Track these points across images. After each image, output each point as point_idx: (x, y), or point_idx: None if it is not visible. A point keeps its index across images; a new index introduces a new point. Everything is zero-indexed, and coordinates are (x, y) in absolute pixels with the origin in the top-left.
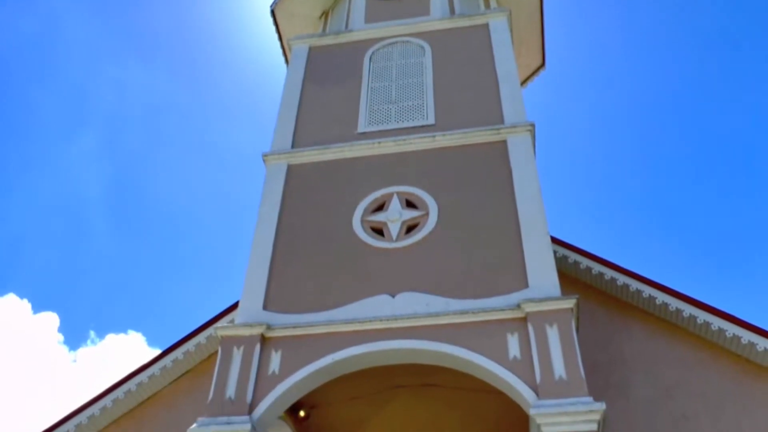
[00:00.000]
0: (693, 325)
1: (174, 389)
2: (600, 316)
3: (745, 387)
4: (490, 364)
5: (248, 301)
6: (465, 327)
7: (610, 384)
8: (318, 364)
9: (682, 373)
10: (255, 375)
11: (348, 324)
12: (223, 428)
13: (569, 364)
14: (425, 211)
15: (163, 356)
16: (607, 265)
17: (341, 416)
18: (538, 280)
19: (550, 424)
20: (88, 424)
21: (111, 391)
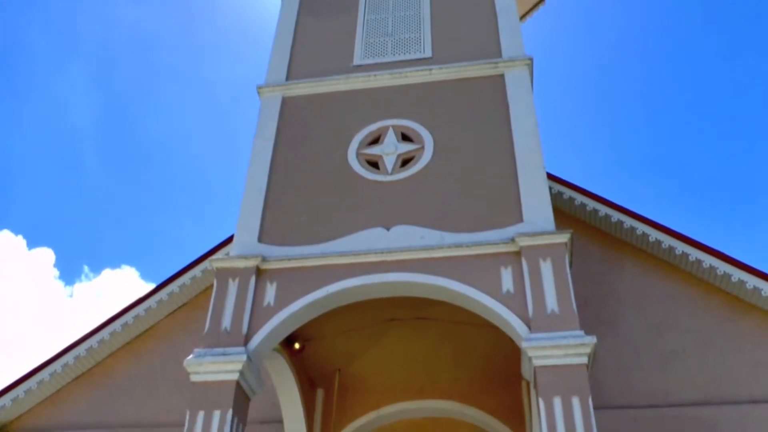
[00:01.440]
0: (685, 262)
1: (170, 322)
2: (593, 253)
3: (733, 324)
4: (483, 298)
5: (243, 234)
6: (459, 260)
7: (600, 319)
8: (313, 296)
9: (671, 310)
10: (250, 307)
11: (343, 256)
12: (218, 359)
13: (562, 299)
14: (421, 144)
15: (160, 289)
16: (602, 201)
17: (336, 349)
18: (532, 215)
19: (541, 357)
20: (86, 356)
21: (108, 323)
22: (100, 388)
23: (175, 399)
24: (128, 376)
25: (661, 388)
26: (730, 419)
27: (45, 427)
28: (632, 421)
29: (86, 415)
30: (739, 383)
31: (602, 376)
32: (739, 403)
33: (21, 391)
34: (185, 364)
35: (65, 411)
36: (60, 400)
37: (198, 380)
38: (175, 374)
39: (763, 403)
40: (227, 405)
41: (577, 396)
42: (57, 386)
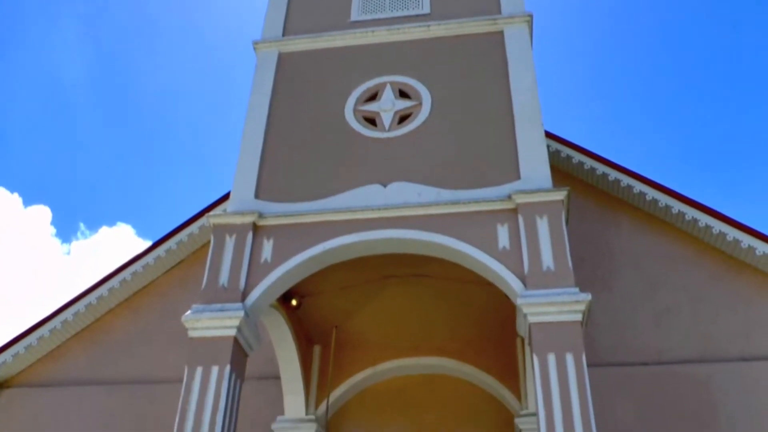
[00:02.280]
0: (681, 221)
1: (168, 278)
2: (590, 211)
3: (727, 282)
4: (479, 254)
5: (240, 190)
6: (456, 217)
7: (595, 277)
8: (309, 252)
9: (666, 268)
10: (247, 263)
11: (339, 213)
12: (216, 315)
13: (557, 256)
14: (418, 101)
15: (157, 246)
16: (599, 160)
17: (332, 305)
18: (530, 172)
19: (536, 313)
20: (85, 313)
21: (107, 280)
22: (99, 345)
23: (174, 355)
24: (127, 332)
25: (654, 345)
26: (722, 376)
27: (46, 382)
28: (625, 378)
29: (86, 371)
30: (731, 341)
31: (596, 334)
32: (731, 360)
33: (21, 347)
34: (183, 320)
35: (65, 367)
36: (60, 356)
37: (196, 336)
38: (174, 330)
39: (753, 361)
40: (225, 360)
41: (571, 353)
42: (57, 342)
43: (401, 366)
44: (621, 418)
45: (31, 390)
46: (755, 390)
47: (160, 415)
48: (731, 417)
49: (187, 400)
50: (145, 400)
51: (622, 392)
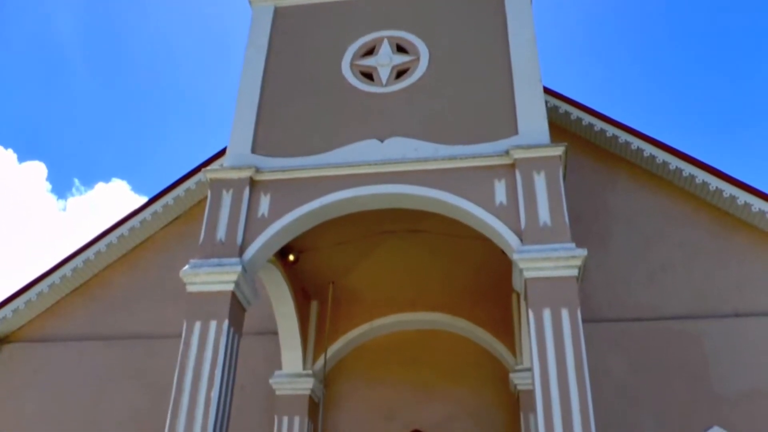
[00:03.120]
0: (678, 178)
1: (166, 234)
2: (587, 167)
3: (722, 239)
4: (476, 210)
5: (236, 145)
6: (453, 172)
7: (591, 234)
8: (306, 207)
9: (662, 225)
10: (245, 218)
11: (336, 168)
12: (214, 270)
13: (554, 211)
14: (416, 56)
15: (154, 202)
16: (598, 116)
17: (329, 261)
18: (527, 128)
19: (532, 268)
20: (83, 268)
21: (104, 236)
22: (98, 300)
23: (173, 310)
24: (125, 287)
25: (648, 302)
26: (714, 332)
27: (45, 337)
28: (619, 333)
29: (85, 326)
30: (724, 297)
31: (591, 290)
32: (724, 316)
33: (21, 303)
34: (181, 275)
35: (65, 322)
36: (59, 312)
37: (194, 291)
38: (172, 285)
39: (745, 317)
40: (223, 315)
41: (566, 308)
42: (56, 298)
43: (397, 321)
44: (614, 373)
45: (32, 345)
46: (747, 345)
47: (160, 369)
48: (723, 372)
49: (186, 354)
50: (144, 355)
51: (616, 348)
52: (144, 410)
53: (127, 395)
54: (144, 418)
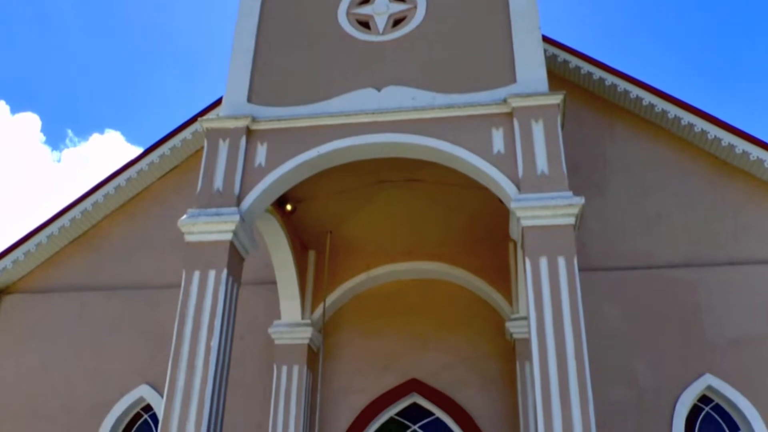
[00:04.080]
0: (677, 126)
1: (163, 184)
2: (585, 116)
3: (718, 188)
4: (474, 159)
5: (232, 94)
6: (450, 121)
7: (589, 183)
8: (303, 156)
9: (660, 174)
10: (242, 167)
11: (333, 117)
12: (212, 219)
13: (552, 160)
14: (413, 4)
15: (150, 152)
16: (597, 65)
17: (326, 210)
18: (526, 76)
19: (529, 217)
20: (81, 219)
21: (101, 186)
22: (97, 251)
23: (172, 260)
24: (124, 238)
25: (644, 250)
26: (709, 280)
27: (46, 288)
28: (615, 282)
29: (85, 277)
30: (719, 245)
31: (588, 239)
32: (719, 265)
33: (20, 254)
34: (179, 224)
35: (64, 273)
36: (59, 262)
37: (192, 240)
38: (170, 236)
39: (740, 265)
40: (222, 264)
41: (563, 256)
42: (55, 248)
43: (395, 271)
44: (609, 321)
45: (32, 296)
46: (741, 293)
47: (160, 319)
48: (716, 319)
49: (186, 303)
50: (144, 305)
51: (611, 296)
52: (146, 359)
53: (129, 345)
54: (146, 367)
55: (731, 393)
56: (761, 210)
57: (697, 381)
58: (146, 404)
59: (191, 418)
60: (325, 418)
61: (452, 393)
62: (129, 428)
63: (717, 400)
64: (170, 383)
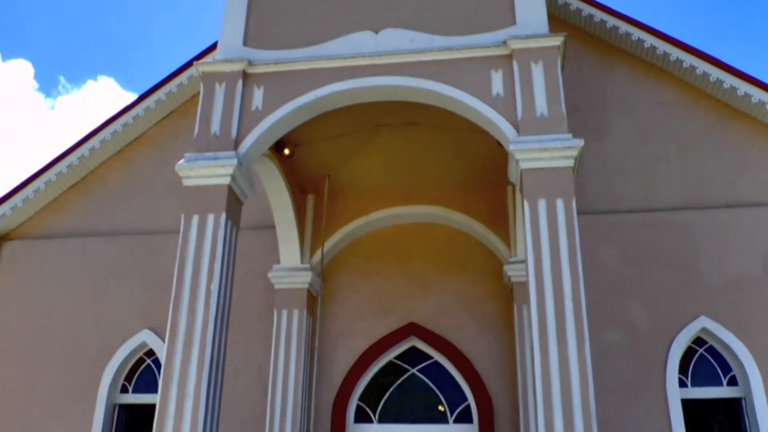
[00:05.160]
0: (678, 69)
1: (160, 130)
2: (585, 59)
3: (718, 131)
4: (472, 101)
5: (227, 37)
6: (449, 63)
7: (588, 126)
8: (301, 100)
9: (660, 116)
10: (238, 111)
11: (331, 60)
12: (209, 163)
13: (551, 102)
14: None
15: (146, 97)
16: (597, 6)
17: (325, 155)
18: (525, 17)
19: (528, 159)
20: (78, 165)
21: (98, 132)
22: (95, 196)
23: (170, 206)
24: (122, 183)
25: (641, 193)
26: (705, 223)
27: (46, 234)
28: (612, 225)
29: (85, 223)
30: (717, 188)
31: (586, 182)
32: (716, 207)
33: (19, 200)
34: (177, 169)
35: (63, 219)
36: (57, 209)
37: (190, 184)
38: (169, 181)
39: (737, 208)
40: (220, 208)
41: (561, 198)
42: (53, 195)
43: (393, 215)
44: (605, 264)
45: (33, 242)
46: (737, 236)
47: (160, 265)
48: (712, 262)
49: (185, 247)
50: (144, 251)
51: (608, 239)
52: (147, 305)
53: (130, 290)
54: (147, 311)
55: (725, 335)
56: (761, 153)
57: (692, 323)
58: (149, 349)
59: (193, 361)
60: (325, 361)
61: (450, 336)
62: (132, 373)
63: (711, 342)
64: (171, 327)
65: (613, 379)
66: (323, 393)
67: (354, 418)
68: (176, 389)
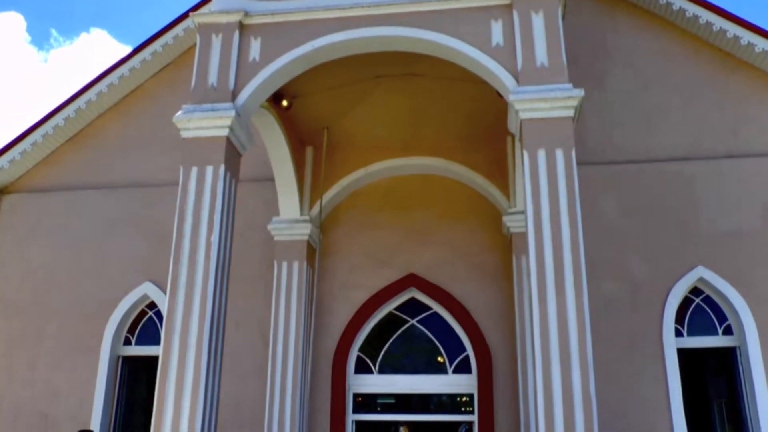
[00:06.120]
0: (681, 18)
1: (156, 82)
2: (587, 8)
3: (721, 81)
4: (472, 51)
5: None
6: (448, 13)
7: (589, 76)
8: (298, 51)
9: (661, 67)
10: (236, 62)
11: (328, 11)
12: (207, 115)
13: (552, 52)
14: None
15: (142, 49)
16: None
17: (323, 106)
18: None
19: (527, 109)
20: (75, 118)
21: (94, 84)
22: (93, 149)
23: (169, 158)
24: (120, 136)
25: (642, 144)
26: (706, 174)
27: (45, 187)
28: (612, 176)
29: (83, 176)
30: (719, 139)
31: (586, 133)
32: (717, 158)
33: (17, 153)
34: (174, 120)
35: (61, 172)
36: (55, 162)
37: (188, 136)
38: (166, 134)
39: (738, 158)
40: (219, 160)
41: (561, 148)
42: (51, 148)
43: (392, 166)
44: (605, 215)
45: (31, 195)
46: (737, 186)
47: (160, 217)
48: (711, 213)
49: (185, 199)
50: (143, 204)
51: (607, 190)
52: (147, 257)
53: (130, 243)
54: (148, 264)
55: (722, 285)
56: (764, 103)
57: (689, 273)
58: (150, 301)
59: (194, 313)
60: (325, 312)
61: (449, 287)
62: (135, 325)
63: (708, 292)
64: (172, 280)
65: (610, 329)
66: (323, 344)
67: (354, 368)
68: (178, 341)
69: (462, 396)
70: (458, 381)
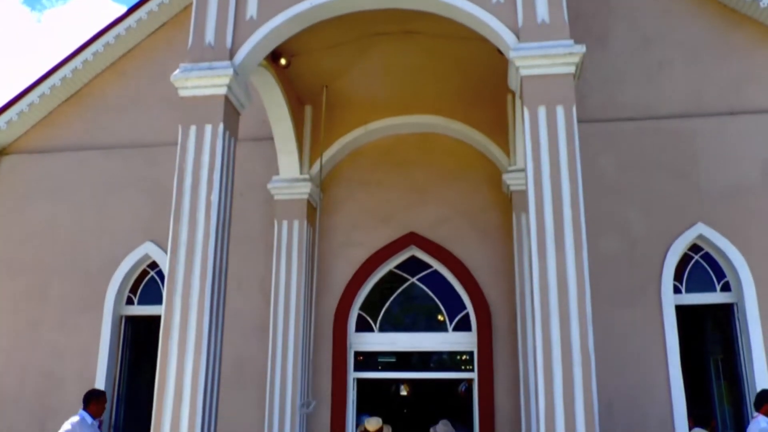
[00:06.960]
0: None
1: (153, 41)
2: None
3: (723, 37)
4: (472, 8)
5: None
6: None
7: (590, 33)
8: (296, 8)
9: (663, 23)
10: (233, 21)
11: None
12: (205, 73)
13: (553, 8)
14: None
15: (138, 8)
16: None
17: (322, 64)
18: None
19: (528, 66)
20: (72, 78)
21: (90, 44)
22: (91, 109)
23: (167, 118)
24: (118, 96)
25: (643, 101)
26: (707, 131)
27: (43, 148)
28: (612, 133)
29: (82, 136)
30: (721, 95)
31: (587, 90)
32: (718, 114)
33: (14, 114)
34: (172, 79)
35: (60, 132)
36: (53, 122)
37: (186, 95)
38: (164, 93)
39: (740, 115)
40: (218, 119)
41: (561, 105)
42: (49, 108)
43: (392, 125)
44: (605, 172)
45: (31, 156)
46: (738, 143)
47: (159, 177)
48: (711, 169)
49: (184, 158)
50: (142, 163)
51: (608, 147)
52: (148, 217)
53: (130, 203)
54: (149, 224)
55: (721, 242)
56: (766, 59)
57: (689, 230)
58: (152, 261)
59: (196, 272)
60: (326, 271)
61: (449, 245)
62: (137, 285)
63: (707, 249)
64: (173, 239)
65: (609, 286)
66: (324, 303)
67: (355, 327)
68: (180, 301)
69: (462, 354)
70: (458, 339)
